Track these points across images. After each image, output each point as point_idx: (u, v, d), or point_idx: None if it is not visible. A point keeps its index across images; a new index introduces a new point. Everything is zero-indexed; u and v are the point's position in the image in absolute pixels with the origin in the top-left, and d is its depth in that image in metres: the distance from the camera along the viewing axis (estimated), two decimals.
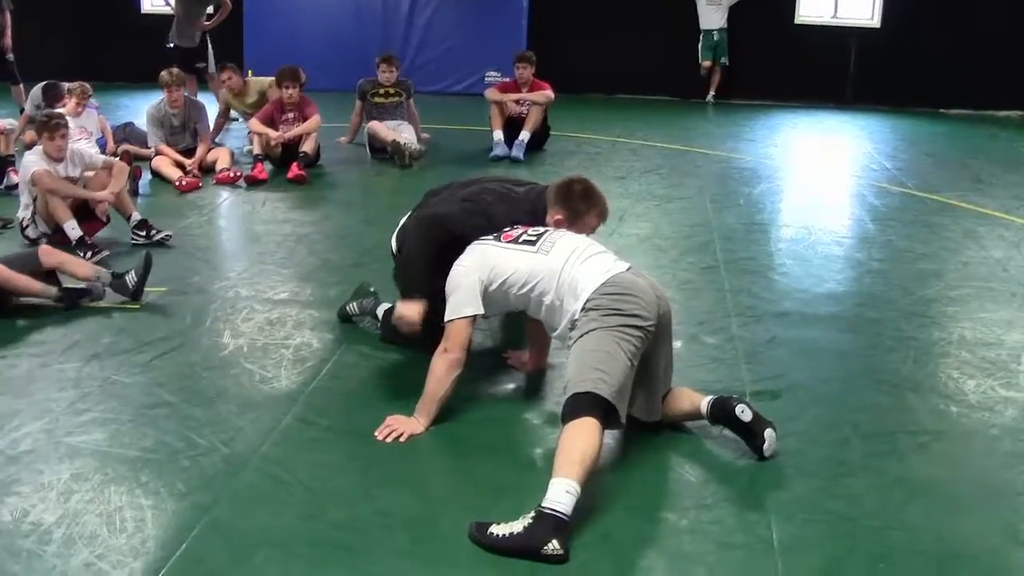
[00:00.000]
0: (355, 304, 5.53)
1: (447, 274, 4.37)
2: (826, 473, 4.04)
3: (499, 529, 3.46)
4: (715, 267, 6.71)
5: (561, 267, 4.19)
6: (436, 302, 4.43)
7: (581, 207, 4.59)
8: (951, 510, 3.81)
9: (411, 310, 4.55)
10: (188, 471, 3.92)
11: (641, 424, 4.25)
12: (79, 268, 5.90)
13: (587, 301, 4.05)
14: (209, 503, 3.68)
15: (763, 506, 3.78)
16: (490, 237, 4.44)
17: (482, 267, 4.30)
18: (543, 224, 4.58)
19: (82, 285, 5.77)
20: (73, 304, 5.67)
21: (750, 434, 4.07)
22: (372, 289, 5.60)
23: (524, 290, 4.26)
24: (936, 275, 6.67)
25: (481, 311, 4.29)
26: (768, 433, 4.05)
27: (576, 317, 4.08)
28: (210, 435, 4.23)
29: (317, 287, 6.18)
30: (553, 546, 3.38)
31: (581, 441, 3.65)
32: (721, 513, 3.73)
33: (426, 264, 4.58)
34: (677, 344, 5.06)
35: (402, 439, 4.21)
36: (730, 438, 4.17)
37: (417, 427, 4.27)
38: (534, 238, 4.35)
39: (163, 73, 9.27)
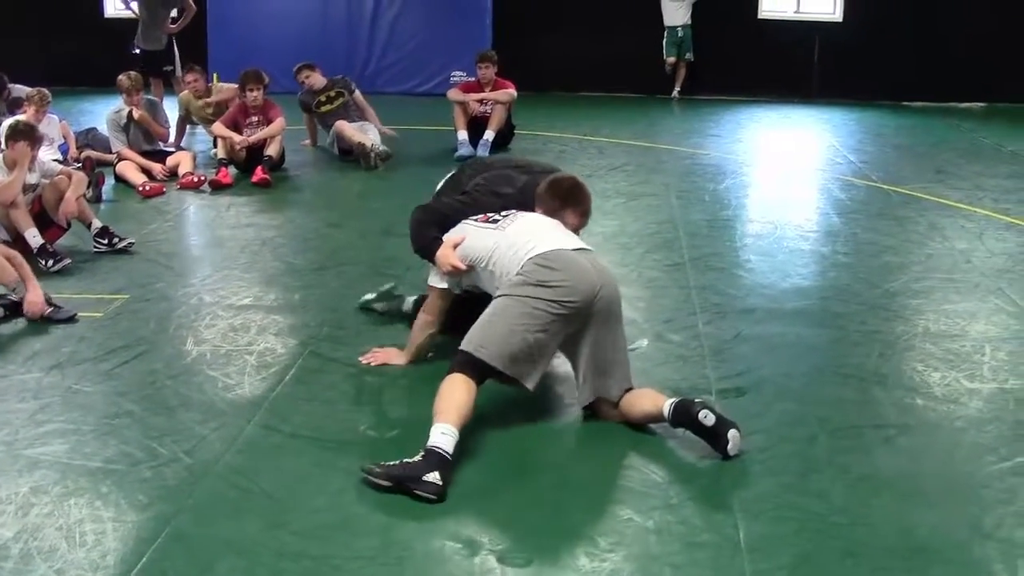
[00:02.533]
0: (380, 304, 5.70)
1: None
2: (792, 470, 4.03)
3: (385, 463, 3.84)
4: (681, 264, 6.71)
5: (515, 241, 4.39)
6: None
7: (560, 204, 4.67)
8: (917, 504, 3.80)
9: (444, 258, 4.62)
10: (150, 481, 3.87)
11: (602, 423, 4.28)
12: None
13: (520, 267, 4.27)
14: (171, 514, 3.63)
15: (729, 505, 3.77)
16: (471, 218, 4.69)
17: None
18: None
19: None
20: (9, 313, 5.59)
21: (714, 436, 4.05)
22: (397, 294, 5.70)
23: (485, 264, 4.46)
24: (901, 268, 6.70)
25: (444, 286, 4.69)
26: (732, 433, 4.03)
27: (508, 281, 4.32)
28: (172, 444, 4.18)
29: (281, 292, 6.14)
30: (434, 476, 3.74)
31: (457, 394, 4.02)
32: (687, 513, 3.72)
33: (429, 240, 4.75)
34: (643, 342, 5.09)
35: (374, 362, 4.93)
36: (694, 438, 4.15)
37: (398, 358, 4.93)
38: (500, 217, 4.58)
39: (121, 77, 9.20)
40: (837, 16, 14.78)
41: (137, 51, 11.95)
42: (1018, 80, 14.36)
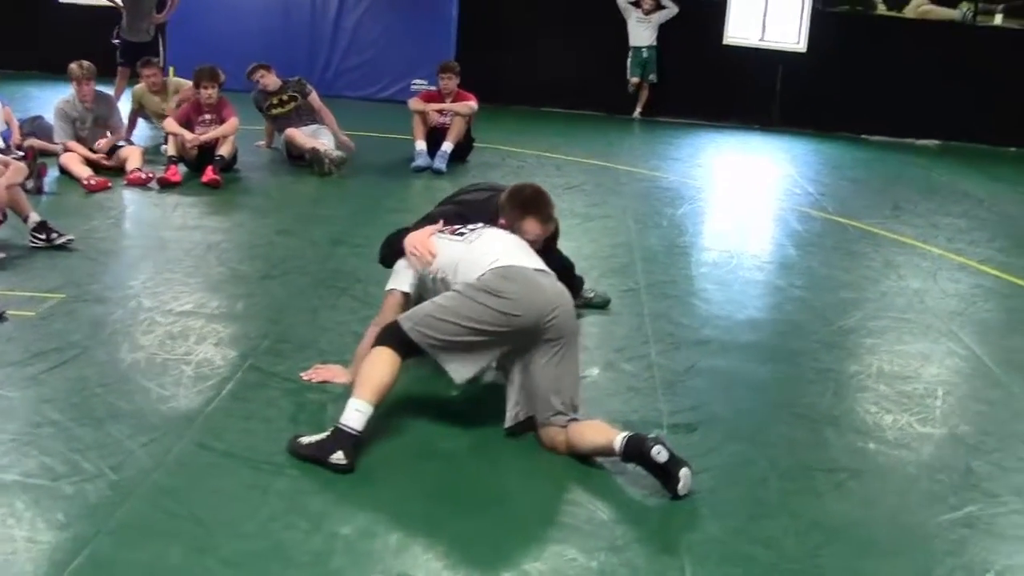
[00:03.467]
0: None
1: None
2: (742, 513, 3.92)
3: (304, 439, 4.07)
4: (636, 290, 6.59)
5: (479, 254, 4.39)
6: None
7: (521, 212, 4.67)
8: (867, 553, 3.71)
9: (416, 239, 4.64)
10: (70, 499, 3.67)
11: (549, 456, 4.17)
12: None
13: (479, 276, 4.27)
14: (90, 535, 3.44)
15: (677, 548, 3.64)
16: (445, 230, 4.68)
17: None
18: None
19: None
20: None
21: (665, 475, 3.92)
22: None
23: (445, 275, 4.44)
24: (856, 304, 6.63)
25: (405, 289, 4.64)
26: (683, 472, 3.90)
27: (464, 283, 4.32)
28: (98, 459, 3.97)
29: (224, 299, 5.95)
30: (338, 456, 3.95)
31: (379, 368, 4.12)
32: (632, 555, 3.58)
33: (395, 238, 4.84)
34: (594, 371, 4.97)
35: (316, 379, 4.77)
36: (643, 474, 4.03)
37: (342, 376, 4.74)
38: (467, 231, 4.57)
39: (72, 66, 8.93)
40: (801, 46, 14.78)
41: (117, 41, 11.68)
42: (971, 119, 14.46)
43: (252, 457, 4.08)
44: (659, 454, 3.89)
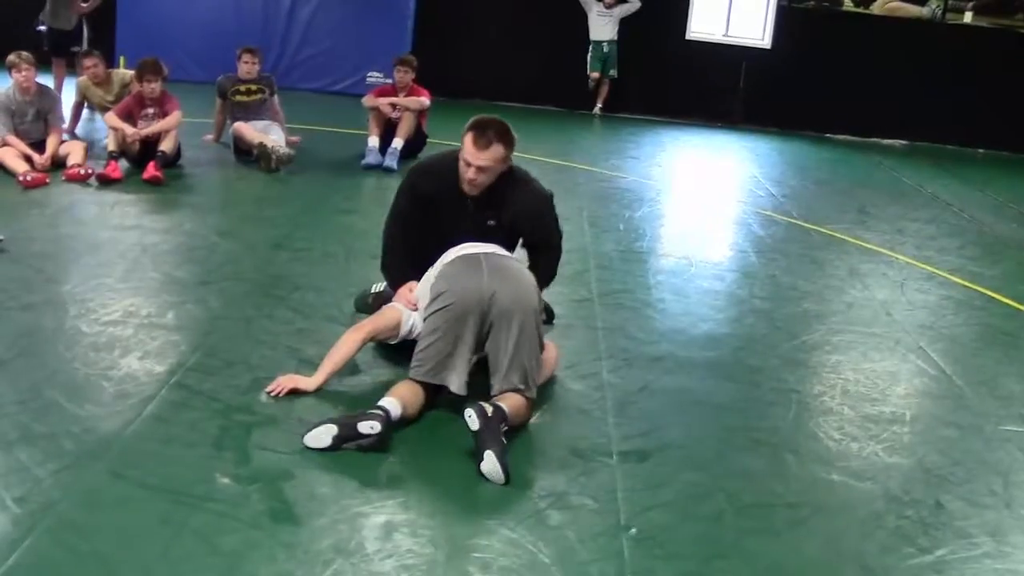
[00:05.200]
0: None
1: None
2: (696, 555, 3.64)
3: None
4: (589, 300, 6.32)
5: (429, 273, 4.75)
6: None
7: (465, 131, 4.77)
8: None
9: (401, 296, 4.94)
10: None
11: (493, 485, 3.94)
12: None
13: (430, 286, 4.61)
14: None
15: None
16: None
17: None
18: None
19: None
20: None
21: (476, 446, 4.04)
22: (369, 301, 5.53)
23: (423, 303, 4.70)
24: (820, 317, 6.39)
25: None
26: (488, 455, 3.95)
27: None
28: (1, 488, 3.66)
29: (155, 307, 5.60)
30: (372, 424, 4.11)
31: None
32: None
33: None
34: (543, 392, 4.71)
35: (283, 392, 4.56)
36: (590, 508, 3.75)
37: (306, 383, 4.61)
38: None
39: (11, 56, 8.54)
40: (765, 43, 14.57)
41: (42, 28, 11.31)
42: (938, 120, 14.31)
43: (169, 488, 3.76)
44: (470, 418, 4.05)
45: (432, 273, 4.71)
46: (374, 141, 9.72)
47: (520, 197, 4.94)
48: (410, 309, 4.77)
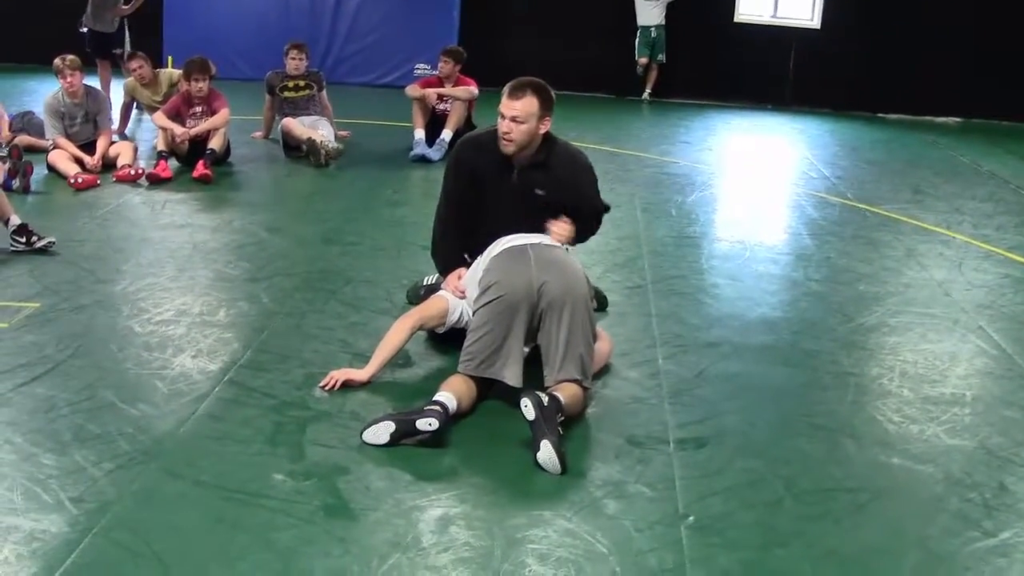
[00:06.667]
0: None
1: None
2: (754, 543, 3.58)
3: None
4: (642, 287, 6.26)
5: (476, 267, 4.77)
6: None
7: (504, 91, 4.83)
8: None
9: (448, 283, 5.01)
10: (22, 535, 3.35)
11: (550, 476, 3.90)
12: None
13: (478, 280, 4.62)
14: None
15: None
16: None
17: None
18: None
19: None
20: None
21: (532, 435, 4.00)
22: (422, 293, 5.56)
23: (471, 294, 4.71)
24: (876, 299, 6.28)
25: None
26: (544, 444, 3.92)
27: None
28: (58, 489, 3.67)
29: (206, 306, 5.62)
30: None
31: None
32: None
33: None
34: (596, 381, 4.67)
35: (337, 385, 4.55)
36: (647, 497, 3.71)
37: (357, 375, 4.60)
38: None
39: (56, 60, 8.62)
40: (815, 23, 14.41)
41: (85, 30, 11.43)
42: (994, 97, 14.04)
43: (223, 486, 3.76)
44: (526, 408, 4.00)
45: (479, 266, 4.69)
46: (420, 133, 9.73)
47: (561, 161, 4.92)
48: (457, 296, 4.77)
